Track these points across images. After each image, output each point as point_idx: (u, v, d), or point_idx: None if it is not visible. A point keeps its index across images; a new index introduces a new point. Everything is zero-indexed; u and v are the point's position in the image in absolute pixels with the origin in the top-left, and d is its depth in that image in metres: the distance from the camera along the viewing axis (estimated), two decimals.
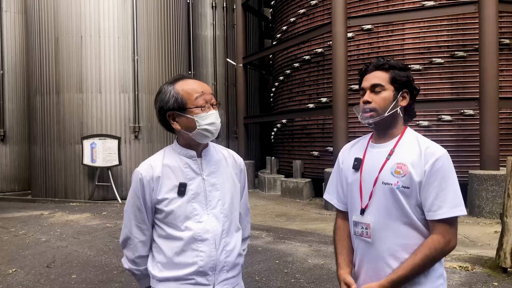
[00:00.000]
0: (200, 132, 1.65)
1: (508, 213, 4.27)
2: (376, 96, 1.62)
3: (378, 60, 1.68)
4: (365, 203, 1.64)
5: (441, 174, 1.54)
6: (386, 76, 1.63)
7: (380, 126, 1.65)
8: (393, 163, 1.60)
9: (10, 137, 12.91)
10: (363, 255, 1.68)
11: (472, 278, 4.21)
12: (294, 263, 4.86)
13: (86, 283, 4.36)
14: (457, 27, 8.60)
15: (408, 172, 1.56)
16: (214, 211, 1.69)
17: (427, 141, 1.62)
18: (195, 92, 1.65)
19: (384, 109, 1.61)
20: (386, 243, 1.60)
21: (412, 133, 1.67)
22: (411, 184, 1.56)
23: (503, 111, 8.15)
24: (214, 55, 14.77)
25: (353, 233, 1.71)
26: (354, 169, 1.70)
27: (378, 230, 1.61)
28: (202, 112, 1.64)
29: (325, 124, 10.07)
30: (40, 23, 10.69)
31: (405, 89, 1.64)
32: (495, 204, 6.96)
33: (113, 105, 10.43)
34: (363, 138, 1.78)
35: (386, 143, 1.66)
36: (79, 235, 6.52)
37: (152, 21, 10.91)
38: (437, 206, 1.52)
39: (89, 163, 10.15)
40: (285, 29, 11.59)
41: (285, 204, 9.45)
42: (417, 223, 1.57)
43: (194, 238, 1.64)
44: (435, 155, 1.55)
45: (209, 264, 1.65)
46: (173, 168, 1.68)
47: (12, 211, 9.11)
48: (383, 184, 1.60)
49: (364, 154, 1.70)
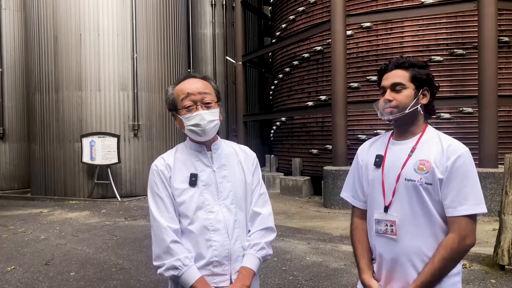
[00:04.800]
0: (188, 131, 1.72)
1: (506, 211, 4.27)
2: (397, 94, 1.62)
3: (398, 58, 1.68)
4: (389, 200, 1.63)
5: (463, 171, 1.54)
6: (406, 75, 1.63)
7: (401, 123, 1.66)
8: (416, 159, 1.60)
9: (10, 135, 12.92)
10: (386, 254, 1.65)
11: (469, 276, 4.22)
12: (292, 261, 4.87)
13: (84, 281, 4.37)
14: (456, 25, 8.59)
15: (431, 169, 1.56)
16: (226, 202, 1.73)
17: (449, 138, 1.63)
18: (181, 94, 1.71)
19: (405, 106, 1.61)
20: (411, 240, 1.59)
21: (433, 130, 1.67)
22: (433, 181, 1.56)
23: (502, 109, 8.15)
24: (214, 53, 14.76)
25: (375, 231, 1.68)
26: (375, 166, 1.70)
27: (403, 227, 1.60)
28: (187, 113, 1.70)
29: (324, 122, 10.06)
30: (39, 21, 10.67)
31: (425, 87, 1.64)
32: (493, 202, 6.97)
33: (112, 103, 10.43)
34: (383, 136, 1.78)
35: (408, 140, 1.66)
36: (78, 233, 6.53)
37: (152, 19, 10.90)
38: (458, 202, 1.53)
39: (88, 161, 10.15)
40: (284, 27, 11.58)
41: (284, 202, 9.46)
42: (439, 220, 1.57)
43: (205, 227, 1.68)
44: (457, 152, 1.56)
45: (223, 253, 1.68)
46: (184, 161, 1.75)
47: (12, 209, 9.12)
48: (406, 181, 1.59)
49: (385, 151, 1.70)
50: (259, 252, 1.73)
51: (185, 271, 1.63)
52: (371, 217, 1.70)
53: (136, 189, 10.64)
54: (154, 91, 10.91)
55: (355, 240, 1.78)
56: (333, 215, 7.72)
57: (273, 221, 1.82)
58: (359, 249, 1.75)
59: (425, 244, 1.57)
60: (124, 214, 8.17)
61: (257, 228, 1.77)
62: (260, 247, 1.73)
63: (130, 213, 8.21)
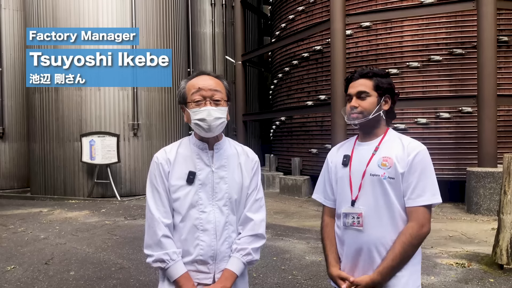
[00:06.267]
0: (194, 126, 1.74)
1: (505, 210, 4.29)
2: (362, 101, 1.79)
3: (363, 69, 1.85)
4: (355, 194, 1.78)
5: (421, 166, 1.71)
6: (370, 84, 1.79)
7: (365, 127, 1.83)
8: (379, 157, 1.77)
9: (9, 134, 12.92)
10: (352, 244, 1.77)
11: (468, 275, 4.23)
12: (291, 260, 4.88)
13: (84, 280, 4.38)
14: (455, 24, 8.60)
15: (393, 164, 1.73)
16: (219, 203, 1.75)
17: (408, 138, 1.81)
18: (193, 88, 1.74)
19: (369, 112, 1.78)
20: (376, 231, 1.73)
21: (394, 133, 1.85)
22: (396, 175, 1.72)
23: (501, 109, 8.16)
24: (213, 52, 14.75)
25: (343, 224, 1.80)
26: (343, 165, 1.85)
27: (369, 218, 1.74)
28: (196, 107, 1.73)
29: (323, 122, 10.08)
30: (39, 21, 10.67)
31: (387, 94, 1.81)
32: (492, 201, 6.98)
33: (112, 102, 10.43)
34: (349, 140, 1.95)
35: (372, 141, 1.83)
36: (78, 232, 6.54)
37: (151, 18, 10.90)
38: (417, 194, 1.70)
39: (88, 161, 10.16)
40: (284, 27, 11.58)
41: (284, 201, 9.47)
42: (400, 211, 1.72)
43: (195, 226, 1.72)
44: (416, 149, 1.73)
45: (208, 253, 1.73)
46: (185, 157, 1.78)
47: (11, 208, 9.12)
48: (371, 176, 1.75)
49: (352, 151, 1.86)
50: (244, 257, 1.76)
51: (171, 265, 1.70)
52: (340, 212, 1.83)
53: (135, 188, 10.65)
54: (154, 90, 10.91)
55: (324, 237, 1.91)
56: None
57: (264, 228, 1.85)
58: (328, 245, 1.88)
59: (388, 234, 1.71)
60: (123, 213, 8.18)
61: (247, 234, 1.79)
62: (247, 252, 1.77)
63: (130, 213, 8.22)
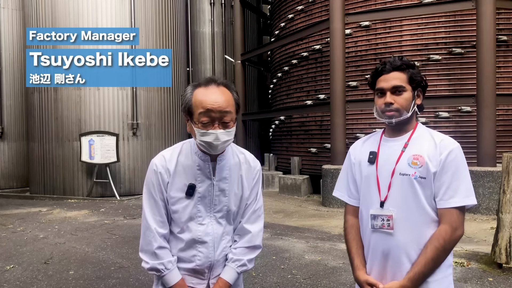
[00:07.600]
0: (199, 143, 1.66)
1: (504, 209, 4.29)
2: (398, 97, 1.64)
3: (394, 60, 1.68)
4: (384, 195, 1.65)
5: (454, 165, 1.60)
6: (404, 77, 1.65)
7: (399, 124, 1.68)
8: (409, 154, 1.64)
9: (8, 134, 12.91)
10: (380, 248, 1.65)
11: (467, 274, 4.23)
12: (291, 259, 4.88)
13: (83, 279, 4.38)
14: (454, 23, 8.60)
15: (425, 163, 1.60)
16: (217, 215, 1.73)
17: (440, 134, 1.68)
18: (201, 107, 1.59)
19: (406, 109, 1.65)
20: (406, 233, 1.61)
21: (424, 128, 1.72)
22: (427, 175, 1.60)
23: (500, 108, 8.16)
24: (213, 51, 14.74)
25: (371, 226, 1.68)
26: (369, 162, 1.72)
27: (399, 221, 1.62)
28: (203, 128, 1.60)
29: (323, 121, 10.08)
30: (38, 20, 10.66)
31: (419, 88, 1.68)
32: (491, 200, 6.99)
33: (111, 101, 10.42)
34: (375, 134, 1.81)
35: (400, 137, 1.70)
36: (77, 232, 6.54)
37: (150, 18, 10.89)
38: (449, 195, 1.58)
39: (87, 160, 10.15)
40: (283, 26, 11.58)
41: (283, 200, 9.47)
42: (431, 213, 1.61)
43: (194, 239, 1.71)
44: (449, 147, 1.61)
45: (206, 264, 1.74)
46: (185, 167, 1.70)
47: (11, 208, 9.12)
48: (400, 175, 1.62)
49: (378, 148, 1.73)
50: (239, 268, 1.77)
51: (166, 274, 1.70)
52: (365, 213, 1.71)
53: (135, 188, 10.64)
54: (153, 90, 10.91)
55: (349, 238, 1.78)
56: (331, 214, 7.73)
57: (261, 238, 1.83)
58: (354, 247, 1.76)
59: (419, 237, 1.60)
60: (123, 213, 8.17)
61: (243, 245, 1.78)
62: (242, 263, 1.77)
63: (129, 212, 8.22)
